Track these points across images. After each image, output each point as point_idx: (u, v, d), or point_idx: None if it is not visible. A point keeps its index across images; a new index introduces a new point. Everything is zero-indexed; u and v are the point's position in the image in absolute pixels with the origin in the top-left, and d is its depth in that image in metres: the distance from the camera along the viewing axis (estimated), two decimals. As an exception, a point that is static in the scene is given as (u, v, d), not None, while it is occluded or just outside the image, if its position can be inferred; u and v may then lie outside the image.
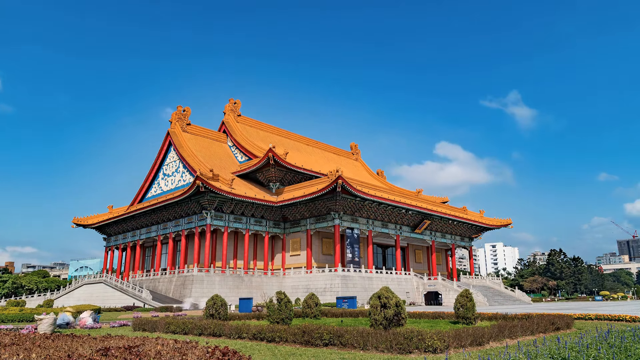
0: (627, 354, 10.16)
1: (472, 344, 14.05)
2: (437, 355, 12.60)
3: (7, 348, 11.32)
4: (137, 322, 22.93)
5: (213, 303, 25.55)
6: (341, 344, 14.33)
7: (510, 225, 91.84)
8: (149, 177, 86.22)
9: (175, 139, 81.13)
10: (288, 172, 76.31)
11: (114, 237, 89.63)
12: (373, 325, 17.16)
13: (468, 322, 21.65)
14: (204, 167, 68.40)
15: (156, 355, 9.74)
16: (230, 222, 68.23)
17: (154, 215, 75.90)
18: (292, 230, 73.55)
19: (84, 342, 12.93)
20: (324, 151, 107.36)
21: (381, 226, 74.32)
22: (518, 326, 16.83)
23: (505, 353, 10.05)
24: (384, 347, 13.37)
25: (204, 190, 61.59)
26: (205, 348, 11.19)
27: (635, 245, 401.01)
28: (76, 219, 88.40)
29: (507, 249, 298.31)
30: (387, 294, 17.37)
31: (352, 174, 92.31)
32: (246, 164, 79.38)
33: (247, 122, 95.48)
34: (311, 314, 28.73)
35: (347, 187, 61.71)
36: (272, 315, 22.30)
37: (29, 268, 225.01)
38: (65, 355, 9.82)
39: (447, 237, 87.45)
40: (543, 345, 11.55)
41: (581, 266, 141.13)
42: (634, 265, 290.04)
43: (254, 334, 17.06)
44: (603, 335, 12.82)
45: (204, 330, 19.22)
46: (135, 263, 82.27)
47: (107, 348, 10.61)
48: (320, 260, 70.53)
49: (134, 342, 12.60)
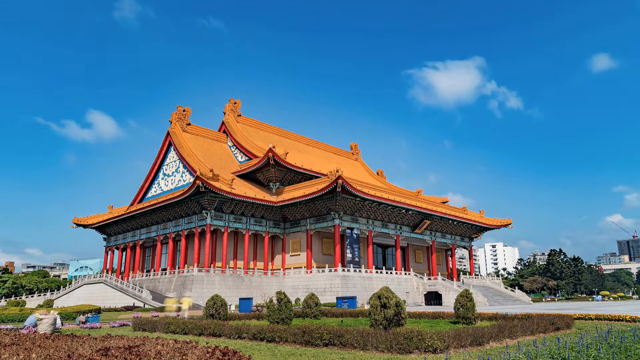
0: (627, 354, 10.15)
1: (472, 344, 14.05)
2: (437, 355, 12.60)
3: (7, 348, 11.31)
4: (137, 322, 22.95)
5: (213, 303, 25.56)
6: (341, 344, 14.33)
7: (510, 225, 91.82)
8: (149, 177, 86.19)
9: (175, 139, 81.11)
10: (288, 172, 76.28)
11: (114, 237, 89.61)
12: (373, 325, 17.16)
13: (468, 322, 21.65)
14: (204, 167, 68.38)
15: (156, 355, 9.74)
16: (230, 222, 68.21)
17: (154, 215, 75.88)
18: (292, 230, 73.53)
19: (84, 342, 12.92)
20: (324, 151, 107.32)
21: (381, 226, 74.30)
22: (518, 326, 16.83)
23: (505, 353, 10.05)
24: (384, 347, 13.36)
25: (204, 190, 61.57)
26: (205, 348, 11.18)
27: (635, 245, 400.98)
28: (76, 219, 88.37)
29: (507, 249, 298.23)
30: (387, 294, 17.36)
31: (352, 174, 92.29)
32: (246, 164, 79.36)
33: (247, 122, 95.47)
34: (311, 314, 28.73)
35: (347, 187, 61.69)
36: (272, 315, 22.30)
37: (29, 268, 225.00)
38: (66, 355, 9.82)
39: (447, 237, 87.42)
40: (543, 345, 11.55)
41: (581, 266, 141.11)
42: (634, 265, 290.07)
43: (254, 334, 17.06)
44: (603, 335, 12.82)
45: (204, 330, 19.23)
46: (135, 263, 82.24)
47: (107, 348, 10.60)
48: (320, 260, 70.51)
49: (134, 342, 12.59)
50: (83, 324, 26.98)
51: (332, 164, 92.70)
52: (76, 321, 28.60)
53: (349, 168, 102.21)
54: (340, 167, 73.96)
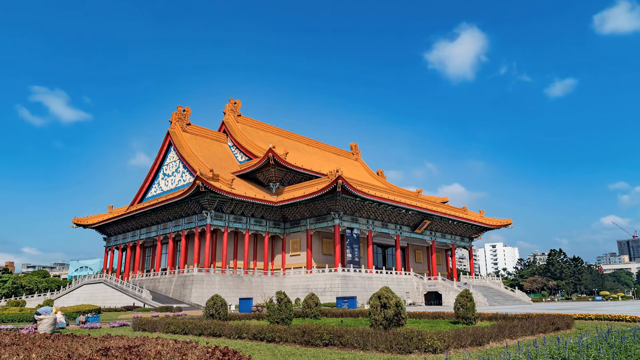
0: (627, 354, 10.15)
1: (472, 344, 14.05)
2: (437, 355, 12.60)
3: (7, 348, 11.32)
4: (137, 322, 22.94)
5: (213, 303, 25.56)
6: (341, 344, 14.33)
7: (510, 225, 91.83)
8: (149, 177, 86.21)
9: (175, 139, 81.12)
10: (288, 172, 76.28)
11: (114, 237, 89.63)
12: (373, 326, 17.16)
13: (468, 322, 21.66)
14: (204, 167, 68.39)
15: (156, 355, 9.74)
16: (230, 222, 68.21)
17: (154, 215, 75.89)
18: (292, 231, 73.53)
19: (84, 342, 12.93)
20: (324, 151, 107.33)
21: (381, 226, 74.30)
22: (518, 326, 16.84)
23: (505, 353, 10.04)
24: (384, 347, 13.37)
25: (204, 190, 61.58)
26: (205, 348, 11.18)
27: (635, 245, 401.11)
28: (76, 219, 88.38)
29: (507, 249, 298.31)
30: (387, 294, 17.37)
31: (352, 174, 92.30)
32: (246, 164, 79.36)
33: (247, 122, 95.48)
34: (311, 314, 28.74)
35: (347, 187, 61.70)
36: (272, 315, 22.30)
37: (29, 268, 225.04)
38: (65, 355, 9.82)
39: (447, 237, 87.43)
40: (543, 345, 11.55)
41: (581, 266, 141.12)
42: (634, 265, 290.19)
43: (254, 334, 17.07)
44: (603, 335, 12.82)
45: (204, 330, 19.23)
46: (135, 263, 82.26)
47: (107, 348, 10.61)
48: (320, 260, 70.52)
49: (134, 342, 12.59)
50: (83, 324, 26.99)
51: (332, 164, 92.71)
52: (76, 321, 28.60)
53: (349, 168, 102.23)
54: (340, 167, 74.00)
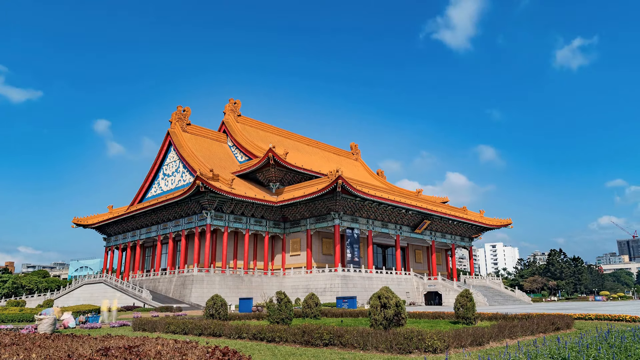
0: (627, 354, 10.15)
1: (472, 344, 14.05)
2: (437, 355, 12.60)
3: (7, 348, 11.32)
4: (137, 322, 22.94)
5: (213, 303, 25.56)
6: (341, 344, 14.33)
7: (510, 225, 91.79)
8: (149, 177, 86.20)
9: (175, 139, 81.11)
10: (288, 172, 76.27)
11: (114, 237, 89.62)
12: (373, 326, 17.16)
13: (468, 322, 21.66)
14: (204, 167, 68.38)
15: (156, 355, 9.74)
16: (230, 222, 68.21)
17: (154, 215, 75.89)
18: (292, 230, 73.52)
19: (84, 342, 12.93)
20: (324, 151, 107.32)
21: (381, 226, 74.29)
22: (518, 326, 16.84)
23: (505, 353, 10.05)
24: (384, 347, 13.37)
25: (204, 190, 61.58)
26: (205, 348, 11.18)
27: (635, 245, 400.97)
28: (76, 219, 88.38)
29: (507, 249, 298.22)
30: (387, 294, 17.37)
31: (352, 174, 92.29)
32: (246, 164, 79.35)
33: (247, 122, 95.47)
34: (311, 314, 28.74)
35: (347, 187, 61.69)
36: (272, 315, 22.30)
37: (29, 268, 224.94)
38: (65, 355, 9.82)
39: (447, 237, 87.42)
40: (543, 345, 11.55)
41: (581, 266, 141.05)
42: (634, 265, 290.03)
43: (254, 334, 17.06)
44: (603, 335, 12.82)
45: (204, 330, 19.22)
46: (135, 263, 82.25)
47: (107, 348, 10.61)
48: (320, 260, 70.51)
49: (134, 342, 12.59)
50: (83, 324, 26.99)
51: (332, 164, 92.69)
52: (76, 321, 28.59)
53: (349, 168, 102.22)
54: (340, 167, 73.98)
